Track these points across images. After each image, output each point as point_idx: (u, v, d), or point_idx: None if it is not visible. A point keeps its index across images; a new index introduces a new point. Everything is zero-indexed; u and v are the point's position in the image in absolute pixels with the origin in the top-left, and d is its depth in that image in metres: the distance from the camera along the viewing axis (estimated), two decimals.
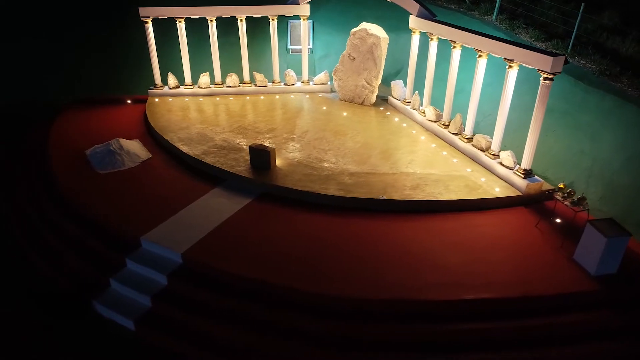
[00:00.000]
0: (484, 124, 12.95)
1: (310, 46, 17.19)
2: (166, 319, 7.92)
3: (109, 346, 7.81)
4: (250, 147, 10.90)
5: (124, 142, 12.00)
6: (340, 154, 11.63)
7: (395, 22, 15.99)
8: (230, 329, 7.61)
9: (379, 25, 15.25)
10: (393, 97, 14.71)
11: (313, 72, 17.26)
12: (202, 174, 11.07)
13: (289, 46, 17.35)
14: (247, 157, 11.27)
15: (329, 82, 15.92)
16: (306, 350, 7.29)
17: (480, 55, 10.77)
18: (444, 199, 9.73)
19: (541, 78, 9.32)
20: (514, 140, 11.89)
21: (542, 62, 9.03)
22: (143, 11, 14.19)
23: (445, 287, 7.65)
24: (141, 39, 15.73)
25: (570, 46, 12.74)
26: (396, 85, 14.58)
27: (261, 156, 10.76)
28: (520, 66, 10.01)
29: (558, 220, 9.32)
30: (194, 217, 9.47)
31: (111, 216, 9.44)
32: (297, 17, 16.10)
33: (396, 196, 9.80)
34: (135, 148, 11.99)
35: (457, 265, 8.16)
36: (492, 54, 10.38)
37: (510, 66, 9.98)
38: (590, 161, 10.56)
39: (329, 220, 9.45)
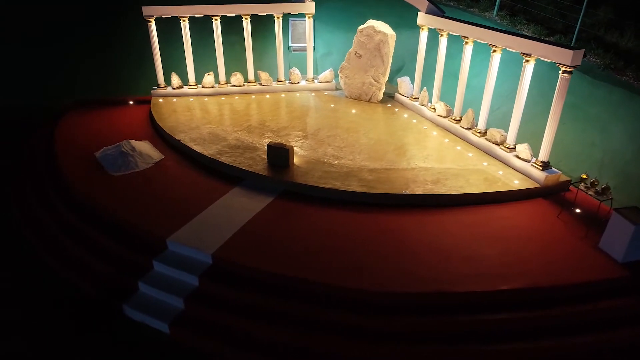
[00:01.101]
0: (492, 118, 13.12)
1: (313, 44, 17.14)
2: (202, 320, 7.80)
3: (142, 349, 7.66)
4: (268, 146, 10.83)
5: (135, 143, 11.79)
6: (356, 151, 11.65)
7: (396, 19, 16.10)
8: (269, 327, 7.55)
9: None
10: (400, 93, 14.81)
11: (315, 70, 17.24)
12: (219, 174, 10.95)
13: (290, 44, 17.29)
14: (264, 156, 11.20)
15: (333, 80, 15.94)
16: (349, 345, 7.28)
17: (494, 50, 10.93)
18: (467, 192, 9.84)
19: (560, 71, 9.50)
20: (523, 133, 12.07)
21: (562, 56, 9.22)
22: (146, 10, 13.94)
23: (480, 279, 7.74)
24: (141, 38, 15.48)
25: (573, 41, 13.03)
26: (403, 82, 14.68)
27: (280, 154, 10.70)
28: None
29: (578, 211, 9.53)
30: (218, 217, 9.37)
31: (133, 218, 9.25)
32: (298, 16, 16.11)
33: (419, 191, 9.87)
34: (146, 149, 11.79)
35: (489, 256, 8.27)
36: (508, 49, 10.54)
37: (527, 60, 10.15)
38: (601, 152, 10.81)
39: (355, 216, 9.46)
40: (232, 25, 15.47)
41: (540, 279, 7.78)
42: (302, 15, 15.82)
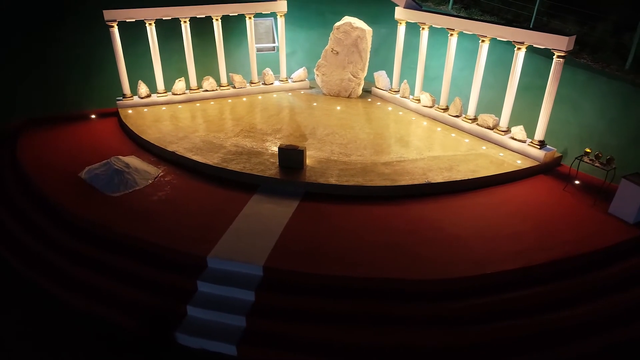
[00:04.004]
0: (469, 104, 13.92)
1: (277, 44, 16.87)
2: (270, 335, 7.42)
3: None
4: (280, 149, 10.53)
5: (126, 159, 10.82)
6: (361, 146, 11.73)
7: (355, 16, 16.38)
8: (341, 330, 7.41)
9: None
10: (377, 87, 15.12)
11: (279, 70, 16.95)
12: (228, 183, 10.42)
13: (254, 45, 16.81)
14: (272, 160, 10.87)
15: (307, 78, 15.83)
16: (423, 335, 7.38)
17: (483, 41, 11.58)
18: (482, 175, 10.37)
19: (554, 56, 10.36)
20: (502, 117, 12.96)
21: (558, 42, 10.07)
22: (108, 14, 12.77)
23: (527, 254, 8.18)
24: (86, 46, 14.12)
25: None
26: (380, 76, 15.00)
27: (294, 156, 10.46)
28: (497, 48, 10.83)
29: (577, 182, 10.49)
30: (251, 227, 8.94)
31: (161, 240, 8.50)
32: (261, 15, 15.71)
33: (439, 179, 10.22)
34: (140, 165, 10.87)
35: (525, 233, 8.79)
36: (500, 39, 11.23)
37: (518, 48, 10.91)
38: (577, 128, 11.94)
39: (385, 209, 9.56)
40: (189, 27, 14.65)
41: (577, 246, 8.44)
42: (263, 15, 15.48)
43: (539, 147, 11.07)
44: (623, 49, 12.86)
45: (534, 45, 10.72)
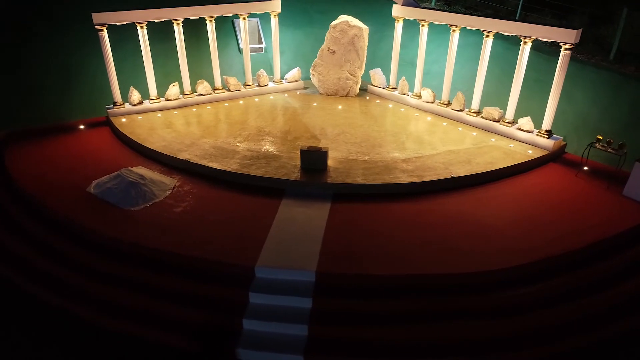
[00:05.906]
0: (465, 99, 14.29)
1: (264, 44, 16.55)
2: (334, 340, 7.24)
3: None
4: (303, 150, 10.32)
5: (138, 170, 10.22)
6: (376, 144, 11.73)
7: (342, 14, 16.39)
8: (403, 330, 7.37)
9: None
10: (374, 85, 15.17)
11: (270, 70, 16.64)
12: (250, 189, 10.09)
13: (241, 46, 16.39)
14: (292, 162, 10.65)
15: (300, 79, 15.63)
16: (483, 327, 7.49)
17: (487, 36, 11.90)
18: (500, 167, 10.66)
19: (562, 49, 10.82)
20: (501, 108, 13.39)
21: (566, 35, 10.52)
22: (97, 17, 11.99)
23: (559, 241, 8.48)
24: (67, 51, 13.22)
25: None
26: (376, 73, 15.06)
27: (317, 158, 10.29)
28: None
29: (585, 168, 11.02)
30: (290, 232, 8.71)
31: (203, 254, 8.08)
32: (252, 15, 15.38)
33: (463, 172, 10.40)
34: (154, 175, 10.30)
35: (551, 219, 9.09)
36: (506, 33, 11.58)
37: (525, 42, 11.30)
38: (573, 116, 12.56)
39: (418, 205, 9.61)
40: (166, 31, 14.03)
41: (604, 229, 8.86)
42: (253, 15, 15.14)
43: (547, 136, 11.52)
44: (603, 40, 13.66)
45: (541, 39, 11.14)
